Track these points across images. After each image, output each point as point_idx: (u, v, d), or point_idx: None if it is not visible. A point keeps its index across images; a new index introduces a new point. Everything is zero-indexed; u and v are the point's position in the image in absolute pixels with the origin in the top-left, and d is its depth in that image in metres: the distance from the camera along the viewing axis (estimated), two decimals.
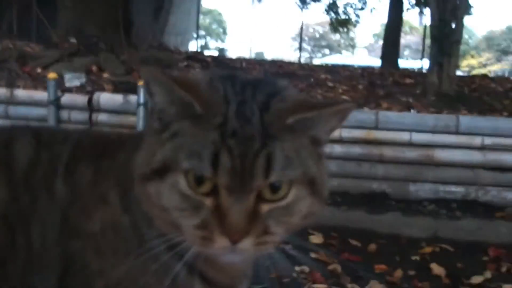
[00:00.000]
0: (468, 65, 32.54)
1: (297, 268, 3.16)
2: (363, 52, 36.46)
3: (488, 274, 3.21)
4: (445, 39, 6.01)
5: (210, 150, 0.59)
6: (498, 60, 34.91)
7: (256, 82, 0.68)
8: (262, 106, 0.63)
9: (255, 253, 0.64)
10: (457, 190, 4.12)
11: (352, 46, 37.03)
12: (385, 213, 3.96)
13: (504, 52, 35.44)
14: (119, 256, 0.69)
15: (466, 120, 4.19)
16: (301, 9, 13.44)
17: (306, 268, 3.16)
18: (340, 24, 14.31)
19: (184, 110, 0.63)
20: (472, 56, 34.88)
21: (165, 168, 0.61)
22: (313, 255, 3.38)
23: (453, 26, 6.08)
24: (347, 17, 13.94)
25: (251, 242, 0.60)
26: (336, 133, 4.16)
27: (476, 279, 3.11)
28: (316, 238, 3.70)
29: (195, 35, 15.99)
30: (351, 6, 13.88)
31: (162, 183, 0.61)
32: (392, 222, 3.88)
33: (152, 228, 0.67)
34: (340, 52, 36.95)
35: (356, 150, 4.18)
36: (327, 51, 39.15)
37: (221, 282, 0.71)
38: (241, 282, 0.72)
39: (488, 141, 4.07)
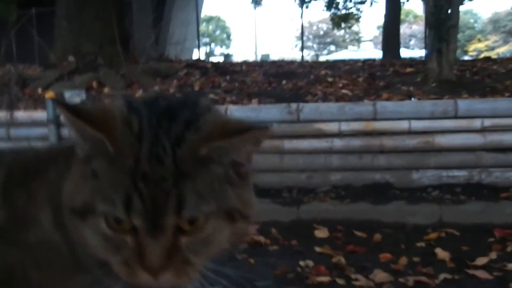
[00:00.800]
0: (475, 49, 32.28)
1: (301, 263, 3.18)
2: (369, 46, 36.32)
3: (493, 255, 3.19)
4: (441, 25, 6.00)
5: (123, 194, 0.60)
6: (506, 41, 34.57)
7: (174, 110, 0.66)
8: (176, 141, 0.63)
9: (179, 282, 0.64)
10: (460, 174, 4.10)
11: (357, 40, 36.96)
12: (389, 202, 3.96)
13: (511, 33, 35.10)
14: (57, 271, 0.70)
15: (464, 103, 4.18)
16: (301, 7, 13.47)
17: (310, 262, 3.18)
18: (341, 19, 14.31)
19: (98, 148, 0.63)
20: (479, 40, 34.60)
21: (86, 210, 0.62)
22: (318, 249, 3.43)
23: (449, 11, 6.05)
24: (347, 12, 13.93)
25: (171, 275, 0.62)
26: (335, 127, 4.18)
27: (481, 261, 3.10)
28: (321, 233, 3.71)
29: (199, 43, 16.09)
30: (351, 0, 13.89)
31: (84, 223, 0.63)
32: (397, 211, 3.87)
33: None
34: (346, 47, 36.86)
35: (356, 142, 4.19)
36: (332, 47, 39.08)
37: None
38: None
39: (487, 123, 4.05)
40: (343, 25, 14.33)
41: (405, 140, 4.11)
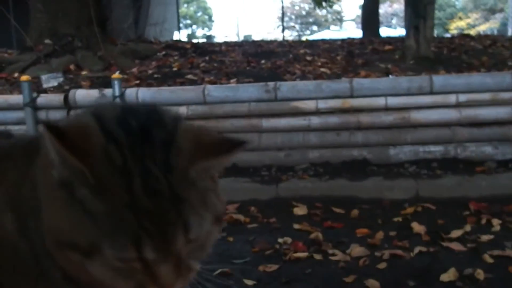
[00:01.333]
0: (456, 27, 32.36)
1: (280, 240, 3.22)
2: (351, 25, 36.22)
3: (467, 228, 3.26)
4: (418, 2, 6.01)
5: (130, 235, 0.60)
6: (486, 19, 34.69)
7: (148, 131, 0.65)
8: (165, 169, 0.63)
9: (184, 286, 0.68)
10: (436, 149, 4.15)
11: (339, 20, 36.84)
12: (366, 178, 4.00)
13: (492, 11, 35.23)
14: (18, 278, 0.70)
15: (440, 79, 4.21)
16: None
17: (289, 239, 3.22)
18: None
19: (79, 177, 0.61)
20: (460, 18, 34.67)
21: (92, 249, 0.62)
22: (296, 226, 3.47)
23: None
24: None
25: (180, 284, 0.66)
26: (312, 105, 4.19)
27: (456, 233, 3.16)
28: (300, 210, 3.74)
29: (179, 24, 15.90)
30: None
31: (90, 260, 0.62)
32: (374, 187, 3.92)
33: (52, 261, 0.68)
34: (328, 27, 36.71)
35: (334, 119, 4.21)
36: (315, 27, 38.91)
37: None
38: None
39: (462, 98, 4.10)
40: (324, 4, 14.23)
41: (381, 117, 4.15)
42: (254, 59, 6.20)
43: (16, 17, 7.74)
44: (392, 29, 26.39)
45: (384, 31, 12.54)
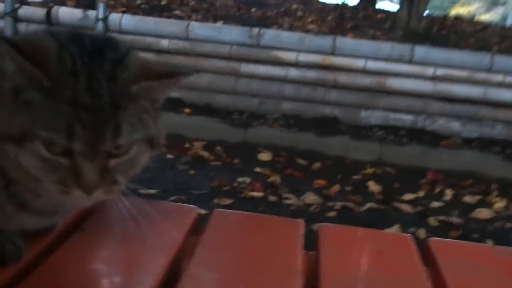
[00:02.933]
0: (457, 14, 32.27)
1: (239, 179, 3.29)
2: None
3: (421, 193, 3.37)
4: None
5: (66, 123, 0.66)
6: (488, 9, 34.61)
7: (101, 49, 0.72)
8: (109, 77, 0.69)
9: (107, 198, 0.73)
10: (406, 118, 4.23)
11: None
12: (334, 136, 4.07)
13: (494, 3, 35.14)
14: None
15: (421, 50, 4.25)
16: None
17: (248, 179, 3.30)
18: None
19: (33, 81, 0.67)
20: (463, 5, 34.56)
21: (23, 136, 0.67)
22: (258, 169, 3.54)
23: None
24: None
25: (101, 192, 0.70)
26: (292, 57, 4.22)
27: (408, 197, 3.27)
28: (264, 156, 3.82)
29: None
30: None
31: (21, 148, 0.68)
32: (340, 145, 3.99)
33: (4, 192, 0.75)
34: None
35: (312, 74, 4.24)
36: None
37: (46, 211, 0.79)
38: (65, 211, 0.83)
39: (440, 71, 4.15)
40: None
41: (358, 78, 4.19)
42: (245, 6, 6.16)
43: None
44: (394, 4, 26.16)
45: (383, 5, 12.50)
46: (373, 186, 3.40)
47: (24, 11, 4.46)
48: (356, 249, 0.99)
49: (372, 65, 4.18)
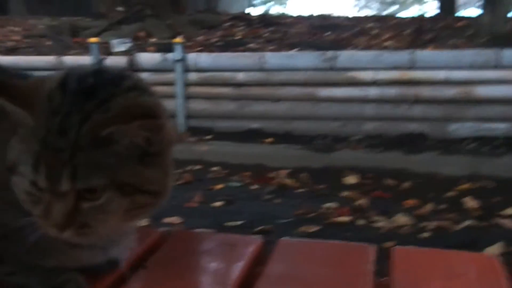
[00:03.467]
0: None
1: (325, 205, 3.21)
2: (433, 5, 34.78)
3: None
4: None
5: (33, 159, 0.68)
6: None
7: (97, 87, 0.71)
8: (83, 118, 0.68)
9: (81, 240, 0.73)
10: (500, 127, 3.97)
11: (419, 0, 35.58)
12: (422, 152, 3.90)
13: None
14: (5, 205, 0.77)
15: (508, 54, 4.00)
16: None
17: (334, 205, 3.21)
18: None
19: (20, 119, 0.70)
20: None
21: (12, 168, 0.71)
22: (344, 193, 3.45)
23: None
24: None
25: (72, 233, 0.70)
26: (370, 76, 4.12)
27: (510, 211, 3.03)
28: (350, 179, 3.71)
29: (252, 1, 15.91)
30: None
31: (13, 178, 0.71)
32: (430, 161, 3.81)
33: None
34: (408, 8, 35.52)
35: (392, 91, 4.11)
36: (395, 7, 37.76)
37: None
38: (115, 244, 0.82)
39: None
40: None
41: (442, 90, 4.00)
42: (318, 31, 6.14)
43: None
44: (476, 9, 25.15)
45: (466, 13, 12.05)
46: (470, 202, 3.19)
47: (109, 61, 4.70)
48: (433, 273, 0.89)
49: (455, 75, 3.99)
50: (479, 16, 6.02)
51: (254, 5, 19.04)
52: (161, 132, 0.72)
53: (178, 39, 4.54)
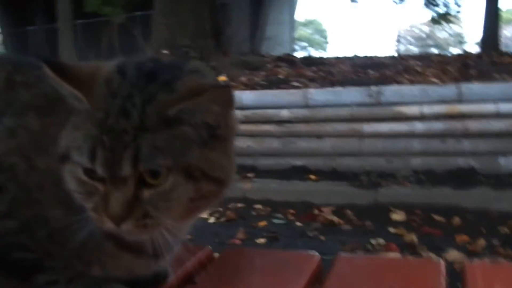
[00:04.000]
0: None
1: (373, 241, 3.14)
2: (474, 48, 34.47)
3: None
4: None
5: (90, 145, 0.64)
6: None
7: (157, 71, 0.69)
8: (147, 99, 0.65)
9: (140, 234, 0.68)
10: None
11: (460, 42, 35.30)
12: (472, 188, 3.78)
13: None
14: (54, 201, 0.74)
15: None
16: (397, 4, 13.05)
17: (382, 241, 3.13)
18: (441, 17, 13.78)
19: (78, 103, 0.67)
20: None
21: (65, 156, 0.67)
22: (392, 229, 3.36)
23: None
24: (446, 10, 13.40)
25: (131, 225, 0.65)
26: (416, 110, 4.07)
27: None
28: (397, 216, 3.63)
29: (293, 45, 16.17)
30: None
31: (64, 167, 0.68)
32: (480, 196, 3.69)
33: None
34: (449, 50, 35.25)
35: (439, 126, 4.04)
36: (435, 50, 37.54)
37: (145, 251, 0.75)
38: (167, 250, 0.76)
39: None
40: (442, 23, 13.75)
41: (491, 123, 3.91)
42: (362, 70, 6.14)
43: (142, 30, 8.37)
44: None
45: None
46: None
47: None
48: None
49: (505, 107, 3.89)
50: None
51: (295, 50, 19.27)
52: (229, 111, 0.69)
53: (221, 77, 4.61)
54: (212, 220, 3.64)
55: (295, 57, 8.30)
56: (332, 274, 0.90)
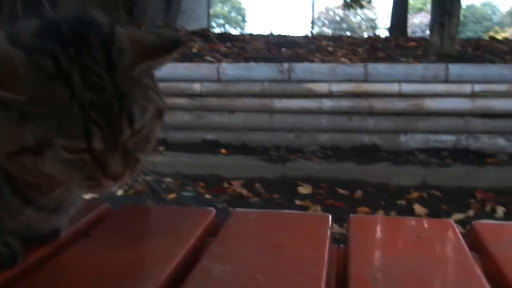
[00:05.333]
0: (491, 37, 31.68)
1: None
2: (385, 33, 35.84)
3: (470, 213, 3.21)
4: None
5: (80, 126, 0.63)
6: None
7: (82, 34, 0.67)
8: (107, 66, 0.65)
9: (130, 179, 0.72)
10: (448, 139, 4.10)
11: (373, 27, 36.61)
12: (375, 163, 3.97)
13: None
14: None
15: (456, 68, 4.16)
16: None
17: None
18: (353, 1, 14.20)
19: (9, 99, 0.63)
20: (496, 32, 34.08)
21: (40, 147, 0.65)
22: (298, 202, 3.47)
23: None
24: None
25: (128, 175, 0.69)
26: (325, 88, 4.19)
27: (457, 216, 3.11)
28: (304, 189, 3.74)
29: (210, 22, 16.03)
30: None
31: (39, 157, 0.66)
32: (382, 172, 3.89)
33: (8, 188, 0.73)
34: (361, 34, 36.47)
35: (346, 103, 4.19)
36: (348, 33, 38.64)
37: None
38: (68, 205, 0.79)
39: (477, 88, 4.04)
40: (355, 6, 14.17)
41: (394, 103, 4.11)
42: (275, 48, 6.23)
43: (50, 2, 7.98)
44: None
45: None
46: (419, 209, 3.27)
47: None
48: (391, 237, 0.91)
49: (407, 88, 4.11)
50: (429, 36, 6.23)
51: (212, 27, 19.16)
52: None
53: None
54: (120, 192, 3.58)
55: (210, 32, 8.24)
56: (225, 226, 0.93)
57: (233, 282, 0.72)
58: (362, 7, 14.53)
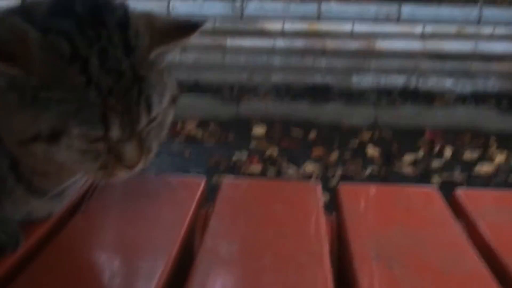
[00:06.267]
0: None
1: (236, 155, 3.23)
2: None
3: (421, 153, 3.32)
4: None
5: (98, 114, 0.60)
6: None
7: (98, 15, 0.62)
8: (125, 50, 0.61)
9: (143, 167, 0.69)
10: (399, 79, 4.17)
11: None
12: (327, 103, 4.01)
13: None
14: None
15: (408, 8, 4.18)
16: None
17: (244, 155, 3.24)
18: None
19: (23, 79, 0.60)
20: None
21: (55, 134, 0.61)
22: (254, 143, 3.49)
23: None
24: None
25: (142, 163, 0.66)
26: (278, 26, 4.13)
27: (408, 158, 3.23)
28: (259, 130, 3.75)
29: None
30: None
31: (53, 145, 0.62)
32: (334, 112, 3.94)
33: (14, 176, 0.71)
34: None
35: (299, 43, 4.16)
36: None
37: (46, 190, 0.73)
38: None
39: (428, 28, 4.09)
40: None
41: (347, 43, 4.12)
42: None
43: None
44: None
45: None
46: (371, 151, 3.35)
47: None
48: (381, 207, 0.93)
49: (359, 28, 4.11)
50: None
51: None
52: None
53: None
54: None
55: None
56: (220, 199, 0.92)
57: (241, 263, 0.72)
58: None
